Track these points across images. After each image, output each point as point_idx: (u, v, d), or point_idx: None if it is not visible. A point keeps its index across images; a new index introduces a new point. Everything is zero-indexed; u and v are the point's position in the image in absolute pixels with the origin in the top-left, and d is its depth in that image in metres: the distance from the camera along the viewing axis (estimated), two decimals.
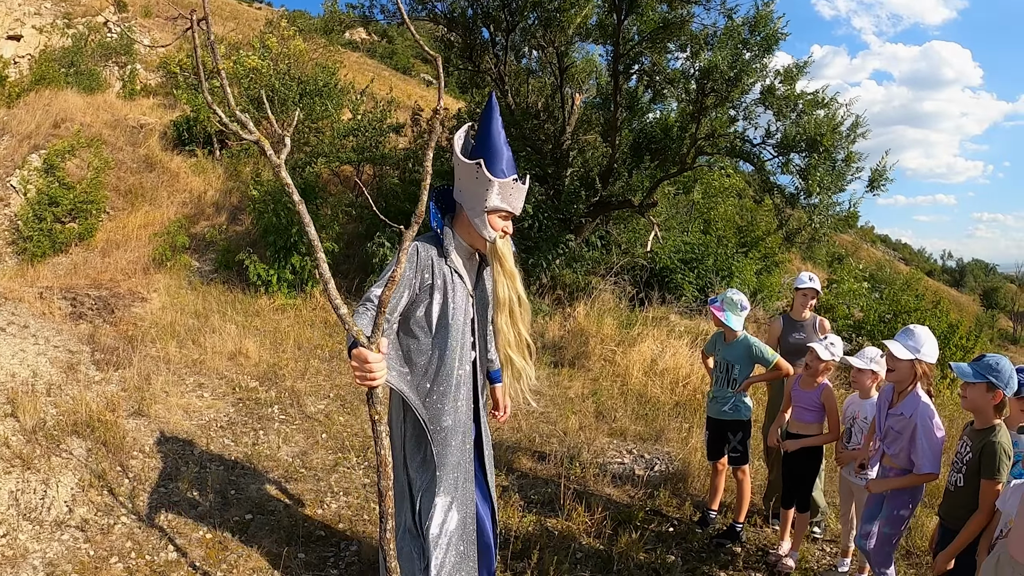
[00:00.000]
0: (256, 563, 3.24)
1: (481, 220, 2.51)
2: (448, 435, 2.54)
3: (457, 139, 2.57)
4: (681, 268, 10.82)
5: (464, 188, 2.55)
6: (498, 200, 2.50)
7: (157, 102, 14.42)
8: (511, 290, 2.53)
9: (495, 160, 2.49)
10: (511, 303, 2.54)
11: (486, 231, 2.51)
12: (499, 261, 2.53)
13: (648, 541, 3.89)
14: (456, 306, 2.53)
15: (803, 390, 3.74)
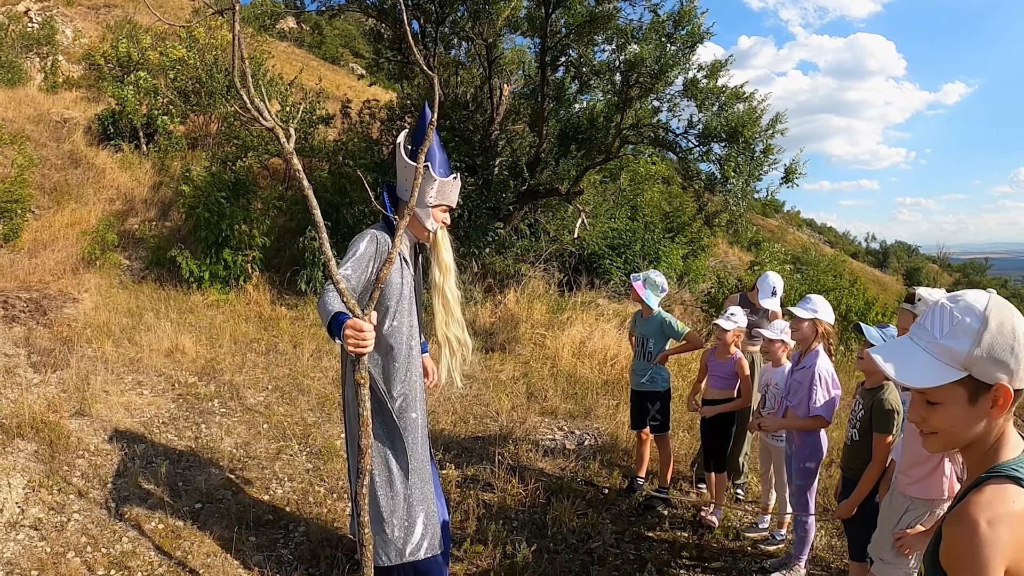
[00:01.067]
0: (209, 548, 3.43)
1: (425, 213, 2.85)
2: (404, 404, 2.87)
3: (403, 145, 2.88)
4: (609, 254, 11.25)
5: (407, 187, 2.84)
6: (440, 197, 2.87)
7: (80, 95, 13.94)
8: (444, 280, 2.90)
9: (444, 161, 2.88)
10: (444, 286, 2.90)
11: (429, 222, 2.86)
12: (438, 252, 2.89)
13: (580, 508, 4.24)
14: (404, 289, 2.86)
15: (718, 360, 4.16)
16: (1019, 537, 1.16)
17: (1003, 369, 1.22)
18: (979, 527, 1.15)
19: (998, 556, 1.14)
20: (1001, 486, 1.20)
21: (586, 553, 3.67)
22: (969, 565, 1.16)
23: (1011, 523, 1.16)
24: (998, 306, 1.25)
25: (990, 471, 1.24)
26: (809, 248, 36.11)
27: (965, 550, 1.17)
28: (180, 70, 12.15)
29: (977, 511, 1.18)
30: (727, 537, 4.04)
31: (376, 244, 2.78)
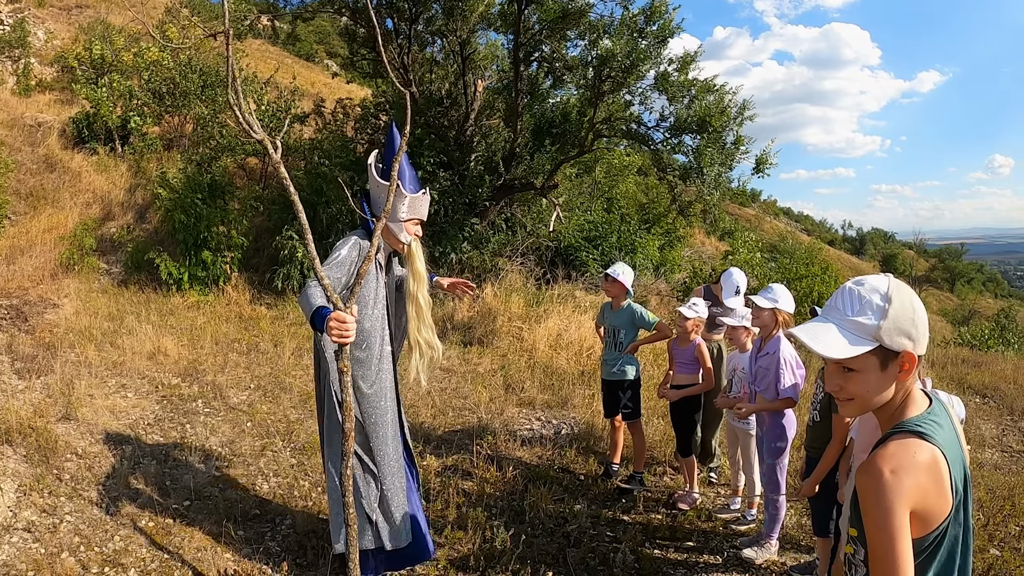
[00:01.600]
0: (200, 542, 3.56)
1: (398, 227, 3.05)
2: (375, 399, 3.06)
3: (373, 164, 3.07)
4: (585, 246, 11.42)
5: (379, 202, 3.06)
6: (411, 211, 3.06)
7: (54, 97, 13.83)
8: (417, 288, 3.11)
9: (413, 179, 3.08)
10: (416, 295, 3.11)
11: (402, 235, 3.07)
12: (412, 262, 3.10)
13: (556, 494, 4.41)
14: (378, 292, 3.08)
15: (680, 347, 4.35)
16: (922, 484, 1.34)
17: (907, 337, 1.43)
18: (883, 476, 1.33)
19: (902, 501, 1.32)
20: (904, 440, 1.38)
21: (563, 536, 3.84)
22: (876, 509, 1.33)
23: (913, 472, 1.33)
24: (898, 286, 1.46)
25: (895, 427, 1.43)
26: (786, 236, 36.65)
27: (872, 496, 1.34)
28: (154, 71, 12.11)
29: (882, 462, 1.35)
30: (700, 518, 4.23)
31: (358, 250, 2.98)
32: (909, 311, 1.44)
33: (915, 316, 1.44)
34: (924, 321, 1.46)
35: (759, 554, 3.78)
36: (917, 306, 1.46)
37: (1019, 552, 3.97)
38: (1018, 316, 34.03)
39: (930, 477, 1.35)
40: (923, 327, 1.45)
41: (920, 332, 1.44)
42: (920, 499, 1.34)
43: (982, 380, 8.18)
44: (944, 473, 1.37)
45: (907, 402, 1.46)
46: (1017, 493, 4.75)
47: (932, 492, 1.35)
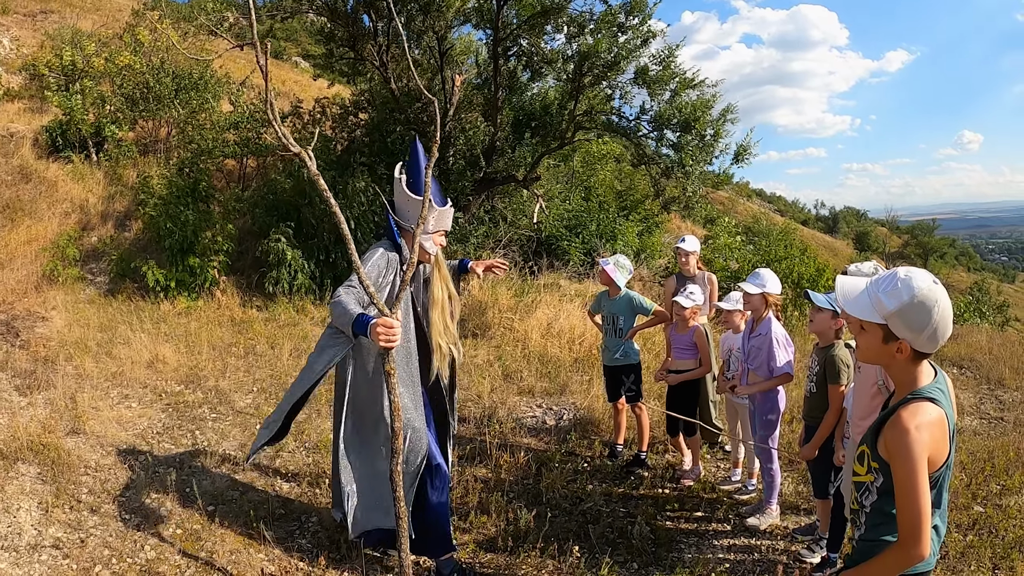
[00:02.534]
0: (232, 544, 3.66)
1: (426, 238, 3.23)
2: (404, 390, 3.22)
3: (401, 179, 3.24)
4: (567, 235, 11.60)
5: (411, 216, 3.20)
6: (437, 224, 3.28)
7: (23, 106, 13.59)
8: (444, 291, 3.31)
9: (439, 193, 3.25)
10: (443, 301, 3.32)
11: (429, 246, 3.27)
12: (438, 268, 3.30)
13: (568, 476, 4.60)
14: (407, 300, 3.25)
15: (678, 334, 4.53)
16: (935, 436, 1.74)
17: (909, 333, 1.76)
18: (911, 430, 1.71)
19: (924, 448, 1.70)
20: (922, 403, 1.76)
21: (580, 514, 4.03)
22: (907, 454, 1.70)
23: (930, 428, 1.72)
24: (930, 293, 1.74)
25: (913, 394, 1.79)
26: (760, 218, 37.20)
27: (902, 446, 1.71)
28: (127, 76, 11.97)
29: (908, 419, 1.73)
30: (704, 491, 4.45)
31: (387, 259, 3.19)
32: (924, 316, 1.73)
33: (929, 322, 1.73)
34: (940, 327, 1.74)
35: (762, 520, 4.03)
36: (937, 315, 1.74)
37: (1000, 508, 4.24)
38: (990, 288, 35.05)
39: (939, 431, 1.75)
40: (933, 332, 1.74)
41: (927, 333, 1.74)
42: (933, 447, 1.72)
43: (958, 352, 8.51)
44: (947, 428, 1.77)
45: (919, 373, 1.81)
46: (996, 455, 5.03)
47: (940, 442, 1.75)
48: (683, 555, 3.75)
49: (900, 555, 1.74)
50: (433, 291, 3.33)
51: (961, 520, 4.10)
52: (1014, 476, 4.65)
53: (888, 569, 1.80)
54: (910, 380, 1.81)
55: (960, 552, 3.76)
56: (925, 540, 1.70)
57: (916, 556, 1.71)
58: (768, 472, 4.03)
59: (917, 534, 1.69)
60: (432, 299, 3.33)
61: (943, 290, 1.77)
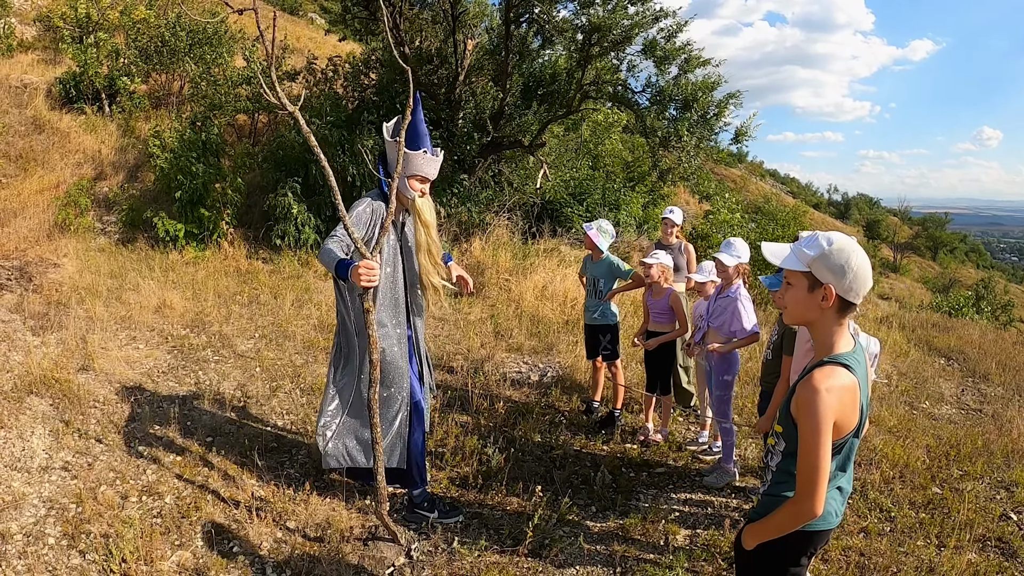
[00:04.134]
0: (226, 471, 3.97)
1: (403, 183, 3.41)
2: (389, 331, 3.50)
3: (387, 127, 3.45)
4: (571, 202, 11.76)
5: (391, 161, 3.45)
6: (416, 168, 3.40)
7: (36, 57, 13.78)
8: (426, 236, 3.50)
9: (414, 139, 3.38)
10: (426, 244, 3.51)
11: (407, 191, 3.43)
12: (418, 214, 3.46)
13: (543, 425, 4.88)
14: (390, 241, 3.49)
15: (654, 299, 4.75)
16: (844, 401, 1.83)
17: (831, 277, 1.86)
18: (820, 391, 1.80)
19: (831, 412, 1.79)
20: (835, 368, 1.86)
21: (549, 460, 4.32)
22: (812, 415, 1.80)
23: (840, 392, 1.82)
24: (847, 242, 1.88)
25: (829, 358, 1.89)
26: (771, 198, 37.05)
27: (810, 406, 1.81)
28: (141, 29, 12.12)
29: (819, 381, 1.82)
30: (671, 449, 4.71)
31: (371, 207, 3.42)
32: (843, 259, 1.85)
33: (847, 265, 1.85)
34: (859, 275, 1.85)
35: (719, 479, 4.29)
36: (855, 262, 1.86)
37: (958, 492, 4.41)
38: (997, 287, 34.89)
39: (850, 397, 1.84)
40: (853, 277, 1.85)
41: (848, 278, 1.85)
42: (841, 412, 1.82)
43: (948, 344, 8.67)
44: (858, 397, 1.86)
45: (838, 339, 1.91)
46: (964, 443, 5.19)
47: (849, 409, 1.84)
48: (640, 503, 4.03)
49: (795, 509, 1.86)
50: (416, 236, 3.51)
51: (916, 499, 4.28)
52: (977, 464, 4.81)
53: (784, 523, 1.92)
54: (829, 344, 1.91)
55: (910, 527, 3.94)
56: (819, 497, 1.80)
57: (809, 511, 1.82)
58: (725, 431, 4.27)
59: (812, 490, 1.80)
60: (417, 244, 3.53)
61: (860, 247, 1.93)
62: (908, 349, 8.13)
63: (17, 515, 3.52)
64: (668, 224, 5.50)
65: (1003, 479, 4.69)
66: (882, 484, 4.43)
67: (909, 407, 6.20)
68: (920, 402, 6.40)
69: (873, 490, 4.31)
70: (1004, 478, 4.70)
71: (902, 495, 4.31)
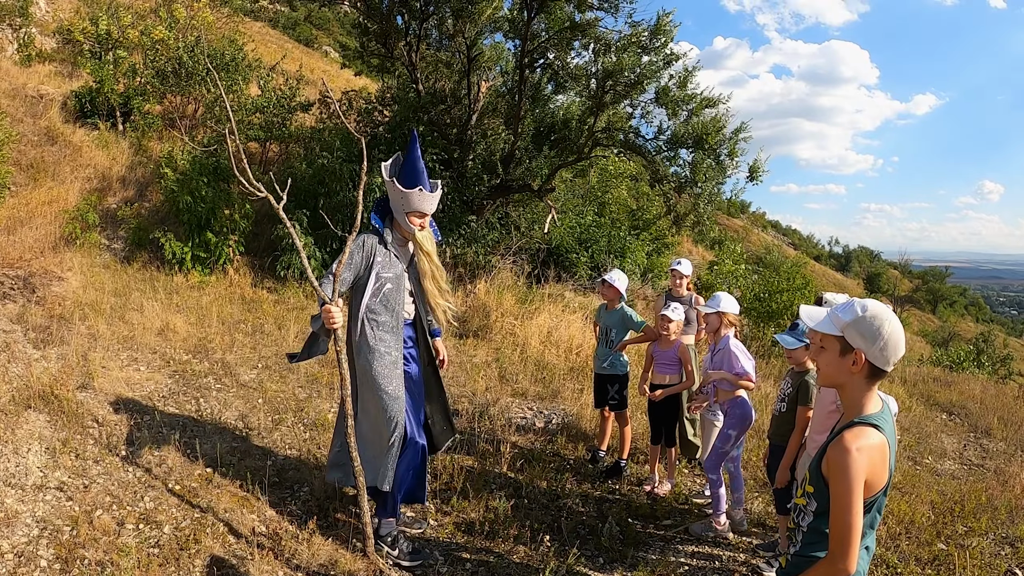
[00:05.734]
0: (227, 503, 3.88)
1: (403, 219, 3.63)
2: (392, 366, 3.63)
3: (385, 167, 3.68)
4: (576, 248, 11.81)
5: (392, 199, 3.67)
6: (413, 205, 3.60)
7: (54, 69, 13.91)
8: (429, 263, 3.72)
9: (411, 177, 3.58)
10: (432, 271, 3.73)
11: (407, 226, 3.64)
12: (419, 245, 3.68)
13: (549, 473, 4.81)
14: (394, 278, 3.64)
15: (661, 349, 4.75)
16: (874, 461, 1.87)
17: (863, 343, 1.92)
18: (851, 451, 1.84)
19: (862, 471, 1.83)
20: (865, 428, 1.90)
21: (556, 509, 4.25)
22: (845, 474, 1.83)
23: (871, 451, 1.86)
24: (882, 311, 1.93)
25: (859, 418, 1.93)
26: (772, 249, 37.35)
27: (842, 465, 1.84)
28: (160, 50, 12.28)
29: (851, 440, 1.86)
30: (677, 501, 4.66)
31: (364, 245, 3.61)
32: (875, 329, 1.90)
33: (879, 332, 1.90)
34: (890, 343, 1.90)
35: (703, 529, 4.24)
36: (887, 330, 1.91)
37: (963, 547, 4.40)
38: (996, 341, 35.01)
39: (879, 456, 1.88)
40: (884, 344, 1.90)
41: (878, 345, 1.90)
42: (871, 471, 1.86)
43: (950, 398, 8.68)
44: (887, 455, 1.91)
45: (868, 401, 1.96)
46: (968, 499, 5.17)
47: (879, 467, 1.88)
48: (647, 556, 3.96)
49: (829, 569, 1.87)
50: (420, 265, 3.73)
51: (922, 555, 4.26)
52: (982, 520, 4.80)
53: None
54: (858, 405, 1.95)
55: None
56: (853, 556, 1.82)
57: (844, 571, 1.83)
58: (714, 484, 4.23)
59: (846, 550, 1.82)
60: (421, 271, 3.73)
61: (894, 315, 1.97)
62: (911, 404, 8.12)
63: (9, 533, 3.43)
64: (676, 276, 5.51)
65: (1007, 535, 4.67)
66: (888, 540, 4.39)
67: (913, 462, 6.18)
68: (923, 457, 6.38)
69: (879, 546, 4.26)
70: (1008, 534, 4.68)
71: (908, 551, 4.28)
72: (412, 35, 10.90)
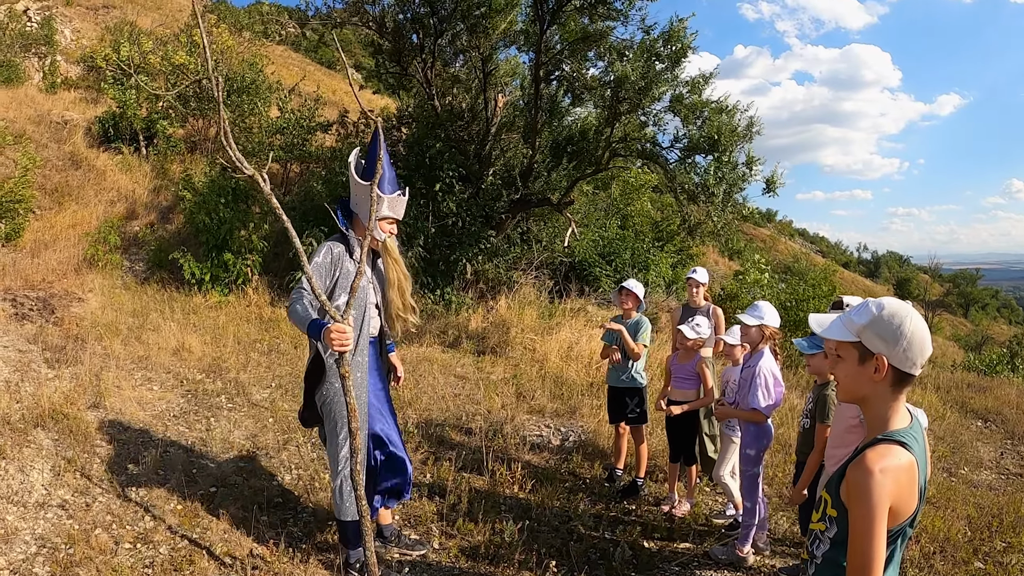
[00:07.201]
0: (226, 525, 3.77)
1: (373, 225, 3.19)
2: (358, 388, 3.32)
3: (352, 163, 3.36)
4: (599, 262, 11.63)
5: (360, 202, 3.37)
6: (386, 210, 3.33)
7: (79, 95, 14.22)
8: (397, 271, 3.43)
9: (382, 180, 3.26)
10: (399, 280, 3.44)
11: (377, 233, 3.36)
12: (387, 252, 3.41)
13: (561, 494, 4.62)
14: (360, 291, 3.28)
15: (679, 363, 4.54)
16: (901, 483, 1.61)
17: (884, 345, 1.66)
18: (874, 473, 1.58)
19: (886, 498, 1.57)
20: (891, 446, 1.64)
21: (566, 532, 4.05)
22: (866, 499, 1.58)
23: (896, 473, 1.60)
24: (900, 307, 1.69)
25: (884, 435, 1.67)
26: (800, 258, 36.71)
27: (863, 490, 1.59)
28: (181, 75, 12.46)
29: (873, 462, 1.60)
30: (696, 522, 4.42)
31: (331, 254, 3.31)
32: (895, 327, 1.65)
33: (900, 331, 1.65)
34: (914, 341, 1.65)
35: (726, 554, 3.96)
36: (909, 327, 1.66)
37: (1002, 566, 4.12)
38: None
39: (907, 479, 1.62)
40: (907, 344, 1.65)
41: (901, 346, 1.65)
42: (897, 496, 1.60)
43: (985, 405, 8.31)
44: (916, 478, 1.64)
45: (893, 415, 1.70)
46: (1006, 511, 4.90)
47: (906, 492, 1.62)
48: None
49: None
50: (388, 273, 3.46)
51: (957, 575, 4.01)
52: (1021, 534, 4.52)
53: None
54: (883, 420, 1.70)
55: None
56: None
57: None
58: (749, 512, 3.95)
59: None
60: (388, 280, 3.47)
61: (915, 310, 1.73)
62: (944, 411, 7.78)
63: (7, 550, 3.38)
64: (692, 284, 5.25)
65: None
66: (922, 560, 4.12)
67: (947, 474, 5.88)
68: (959, 468, 6.07)
69: (913, 567, 4.00)
70: None
71: (943, 572, 4.00)
72: (427, 52, 10.90)
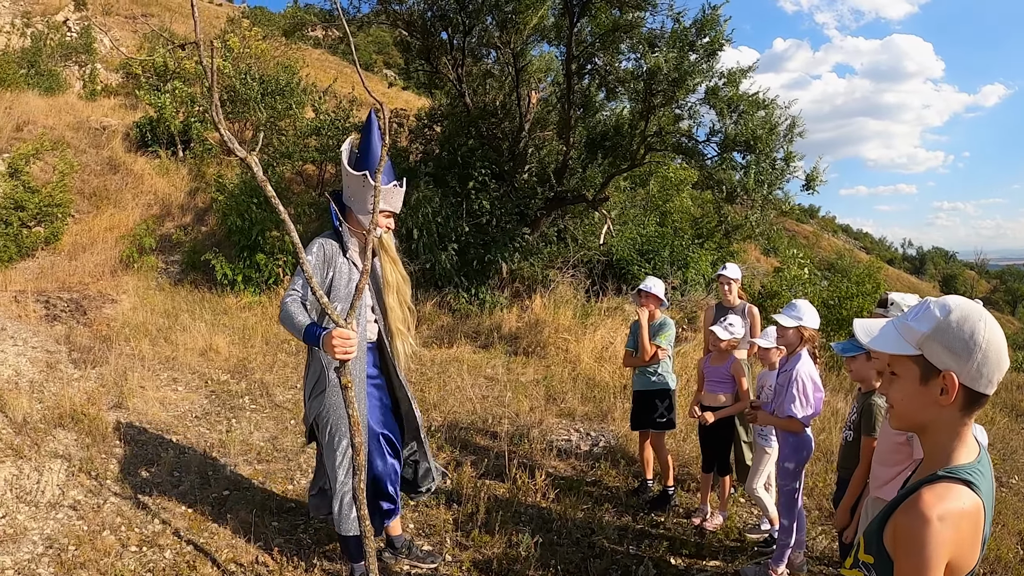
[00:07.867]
0: (235, 529, 3.64)
1: (368, 219, 2.94)
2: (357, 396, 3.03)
3: (344, 153, 3.07)
4: (637, 260, 11.32)
5: (353, 194, 3.07)
6: (382, 203, 2.96)
7: (118, 102, 14.50)
8: (396, 273, 3.13)
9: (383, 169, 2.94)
10: (398, 283, 3.13)
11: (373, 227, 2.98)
12: (384, 250, 3.10)
13: (586, 504, 4.37)
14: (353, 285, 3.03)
15: (713, 366, 4.24)
16: (963, 532, 1.25)
17: (953, 359, 1.30)
18: (931, 521, 1.22)
19: (944, 550, 1.22)
20: (954, 485, 1.28)
21: (587, 546, 3.80)
22: (918, 552, 1.23)
23: (959, 521, 1.24)
24: (970, 309, 1.33)
25: (946, 471, 1.31)
26: (844, 254, 35.59)
27: (915, 540, 1.24)
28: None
29: (931, 504, 1.24)
30: (728, 536, 4.13)
31: (323, 252, 3.03)
32: (966, 335, 1.29)
33: (973, 340, 1.29)
34: (990, 353, 1.30)
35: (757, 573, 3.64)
36: (984, 335, 1.30)
37: None
38: None
39: (970, 526, 1.27)
40: (983, 357, 1.30)
41: (975, 360, 1.29)
42: (957, 548, 1.25)
43: None
44: (981, 525, 1.29)
45: (958, 444, 1.33)
46: None
47: (968, 544, 1.27)
48: None
49: None
50: (385, 275, 3.15)
51: None
52: None
53: None
54: (946, 452, 1.34)
55: None
56: None
57: None
58: (785, 531, 3.62)
59: None
60: (386, 283, 3.15)
61: (986, 312, 1.35)
62: (993, 415, 7.29)
63: (14, 549, 3.33)
64: (724, 281, 4.90)
65: None
66: None
67: (998, 484, 5.42)
68: (1009, 478, 5.68)
69: None
70: None
71: None
72: (456, 49, 10.76)
